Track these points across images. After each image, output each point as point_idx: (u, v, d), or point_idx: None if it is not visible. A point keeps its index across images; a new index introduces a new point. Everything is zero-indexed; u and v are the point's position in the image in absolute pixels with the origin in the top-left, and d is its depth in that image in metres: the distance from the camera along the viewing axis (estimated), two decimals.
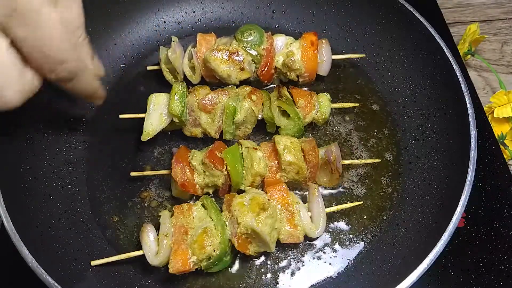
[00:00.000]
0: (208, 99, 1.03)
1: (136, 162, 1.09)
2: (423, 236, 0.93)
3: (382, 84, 1.20)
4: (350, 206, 1.00)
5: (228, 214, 0.91)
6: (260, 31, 1.11)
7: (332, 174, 1.00)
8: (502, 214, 1.09)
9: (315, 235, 0.95)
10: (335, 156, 0.99)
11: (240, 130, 1.07)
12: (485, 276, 1.01)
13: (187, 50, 1.13)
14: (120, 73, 1.21)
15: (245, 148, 0.99)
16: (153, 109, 1.02)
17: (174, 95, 1.01)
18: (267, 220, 0.88)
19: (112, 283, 0.92)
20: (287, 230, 0.92)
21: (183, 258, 0.88)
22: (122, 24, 1.24)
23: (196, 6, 1.30)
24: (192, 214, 0.93)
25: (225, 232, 0.90)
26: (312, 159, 0.99)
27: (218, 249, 0.88)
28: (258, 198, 0.91)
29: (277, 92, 1.05)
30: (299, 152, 0.98)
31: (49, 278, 0.80)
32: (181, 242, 0.89)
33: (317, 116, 1.08)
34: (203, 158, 0.97)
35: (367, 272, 0.95)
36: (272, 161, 0.99)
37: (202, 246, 0.88)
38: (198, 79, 1.13)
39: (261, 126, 1.09)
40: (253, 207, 0.89)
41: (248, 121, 1.06)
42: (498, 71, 1.36)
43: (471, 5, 1.54)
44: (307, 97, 1.06)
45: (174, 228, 0.90)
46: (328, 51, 1.14)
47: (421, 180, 1.04)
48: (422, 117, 1.11)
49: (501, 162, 1.16)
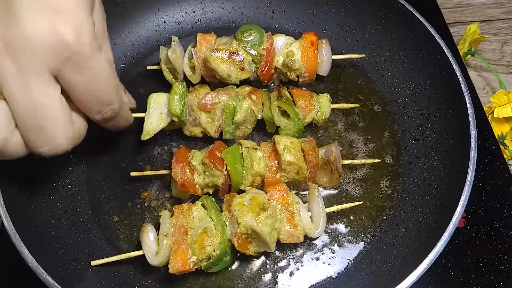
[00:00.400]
0: (208, 99, 1.03)
1: (136, 162, 1.09)
2: (423, 236, 0.93)
3: (382, 84, 1.20)
4: (350, 206, 1.00)
5: (228, 214, 0.91)
6: (260, 31, 1.11)
7: (332, 174, 1.00)
8: (502, 214, 1.09)
9: (315, 235, 0.95)
10: (335, 156, 0.99)
11: (240, 130, 1.07)
12: (485, 276, 1.01)
13: (187, 50, 1.13)
14: (120, 73, 1.21)
15: (245, 148, 0.99)
16: (153, 108, 1.02)
17: (174, 94, 1.01)
18: (267, 220, 0.88)
19: (112, 283, 0.92)
20: (287, 230, 0.92)
21: (183, 258, 0.88)
22: (122, 24, 1.24)
23: (196, 6, 1.30)
24: (192, 214, 0.93)
25: (225, 232, 0.90)
26: (312, 159, 0.99)
27: (218, 249, 0.88)
28: (258, 198, 0.91)
29: (277, 92, 1.05)
30: (299, 152, 0.98)
31: (49, 278, 0.80)
32: (181, 242, 0.89)
33: (317, 116, 1.08)
34: (203, 158, 0.97)
35: (367, 272, 0.95)
36: (272, 161, 0.99)
37: (202, 246, 0.88)
38: (198, 79, 1.13)
39: (261, 126, 1.09)
40: (253, 207, 0.89)
41: (248, 121, 1.06)
42: (498, 71, 1.36)
43: (471, 5, 1.54)
44: (307, 97, 1.06)
45: (174, 228, 0.90)
46: (328, 51, 1.14)
47: (421, 180, 1.04)
48: (422, 117, 1.11)
49: (501, 162, 1.16)
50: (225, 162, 0.96)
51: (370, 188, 1.06)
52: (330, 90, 1.19)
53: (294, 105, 1.05)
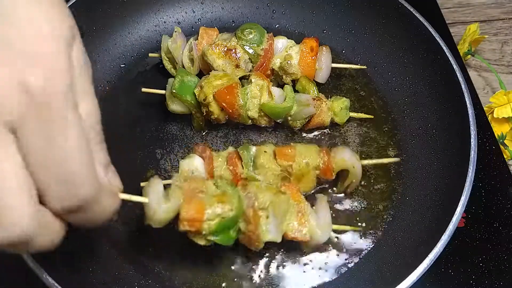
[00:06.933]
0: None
1: (136, 163, 1.09)
2: (423, 236, 0.93)
3: (382, 84, 1.20)
4: (351, 229, 0.99)
5: (244, 191, 0.87)
6: (262, 31, 1.11)
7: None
8: (502, 214, 1.09)
9: (320, 239, 0.92)
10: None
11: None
12: (485, 276, 1.01)
13: (188, 41, 1.14)
14: (120, 73, 1.21)
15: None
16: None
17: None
18: (283, 204, 0.86)
19: (112, 283, 0.92)
20: (295, 226, 0.91)
21: (198, 207, 0.78)
22: (122, 24, 1.24)
23: (196, 6, 1.30)
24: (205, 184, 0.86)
25: (241, 201, 0.84)
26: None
27: (233, 211, 0.82)
28: (272, 187, 0.90)
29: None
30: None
31: (49, 278, 0.80)
32: (195, 196, 0.80)
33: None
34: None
35: (367, 272, 0.95)
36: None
37: (221, 201, 0.81)
38: (196, 71, 1.14)
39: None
40: (271, 188, 0.88)
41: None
42: (498, 71, 1.36)
43: (471, 5, 1.54)
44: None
45: (188, 186, 0.81)
46: (328, 59, 1.13)
47: (421, 180, 1.04)
48: (422, 117, 1.11)
49: (501, 162, 1.16)
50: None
51: (370, 188, 1.06)
52: (330, 90, 1.19)
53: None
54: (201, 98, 1.01)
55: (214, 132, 1.12)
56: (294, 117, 1.05)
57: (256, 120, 1.07)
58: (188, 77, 1.05)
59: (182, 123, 1.13)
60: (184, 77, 1.04)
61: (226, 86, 1.01)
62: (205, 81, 1.02)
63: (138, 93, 1.10)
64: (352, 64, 1.19)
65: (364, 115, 1.13)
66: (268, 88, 1.04)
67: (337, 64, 1.17)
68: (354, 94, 1.19)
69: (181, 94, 1.02)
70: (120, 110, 1.15)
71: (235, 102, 1.02)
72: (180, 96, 1.03)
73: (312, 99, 1.04)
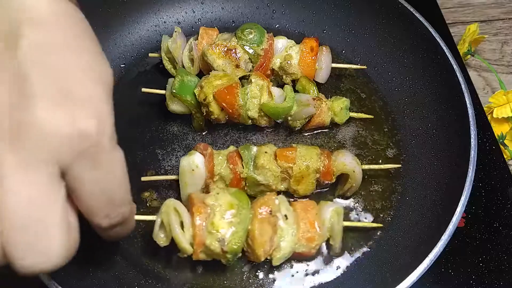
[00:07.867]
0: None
1: (137, 163, 1.09)
2: (423, 236, 0.93)
3: (382, 84, 1.20)
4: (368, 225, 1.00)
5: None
6: (262, 31, 1.11)
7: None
8: (502, 214, 1.09)
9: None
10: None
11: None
12: (485, 276, 1.01)
13: (188, 41, 1.15)
14: (120, 73, 1.21)
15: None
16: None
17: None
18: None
19: (112, 283, 0.92)
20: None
21: None
22: (122, 24, 1.24)
23: (196, 6, 1.30)
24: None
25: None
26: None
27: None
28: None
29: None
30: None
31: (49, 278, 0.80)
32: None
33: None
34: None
35: (367, 272, 0.95)
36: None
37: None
38: (196, 71, 1.14)
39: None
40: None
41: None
42: (498, 71, 1.36)
43: (471, 5, 1.54)
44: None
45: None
46: (328, 59, 1.13)
47: (421, 180, 1.04)
48: (422, 117, 1.11)
49: (501, 162, 1.16)
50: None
51: (370, 188, 1.06)
52: (330, 90, 1.19)
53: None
54: (201, 98, 1.01)
55: (214, 132, 1.13)
56: (294, 117, 1.05)
57: (256, 120, 1.07)
58: (188, 77, 1.05)
59: (182, 123, 1.13)
60: (184, 77, 1.04)
61: (226, 86, 1.01)
62: (205, 81, 1.02)
63: (138, 93, 1.10)
64: (352, 64, 1.19)
65: (364, 115, 1.13)
66: (268, 88, 1.04)
67: (337, 64, 1.17)
68: (354, 94, 1.19)
69: (181, 94, 1.03)
70: (120, 110, 1.15)
71: (235, 102, 1.02)
72: (180, 96, 1.03)
73: (312, 99, 1.04)
